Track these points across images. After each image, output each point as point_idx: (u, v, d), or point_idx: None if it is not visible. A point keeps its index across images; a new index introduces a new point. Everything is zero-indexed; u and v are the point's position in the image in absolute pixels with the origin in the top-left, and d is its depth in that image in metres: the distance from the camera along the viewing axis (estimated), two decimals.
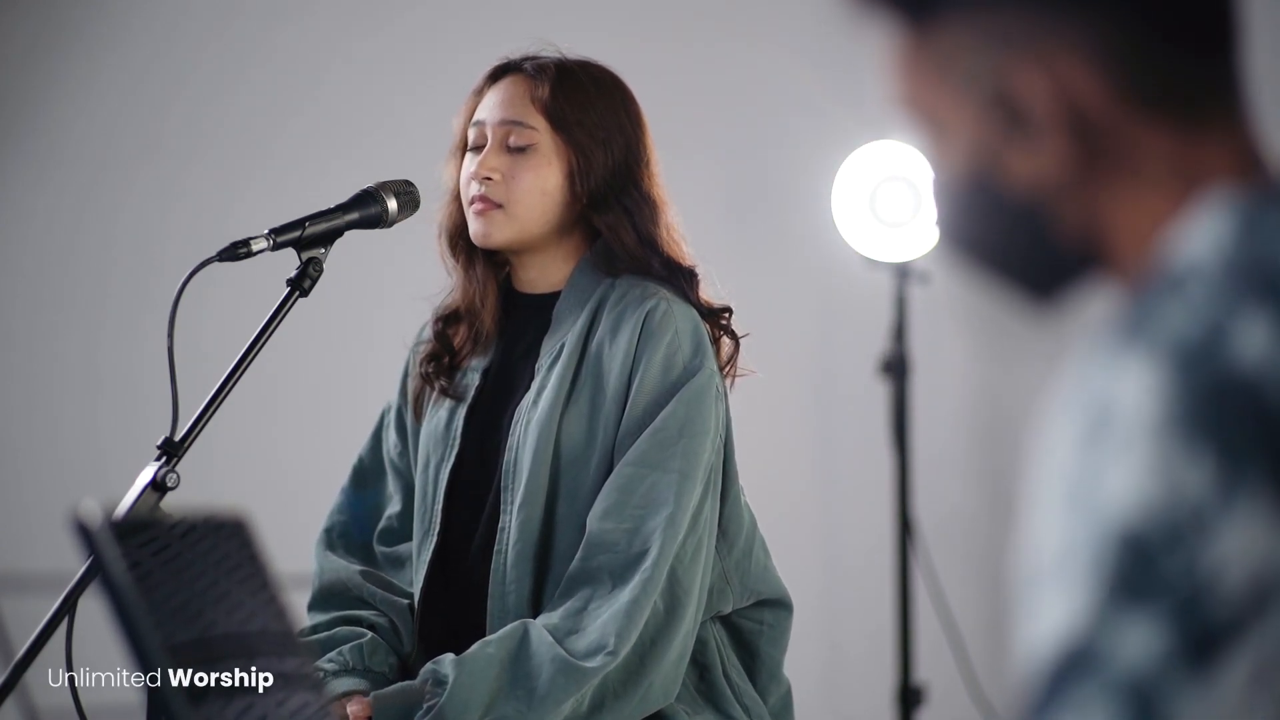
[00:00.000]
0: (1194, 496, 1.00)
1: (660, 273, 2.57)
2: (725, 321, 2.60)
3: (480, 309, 2.63)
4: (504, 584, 2.52)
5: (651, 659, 2.48)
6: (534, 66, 2.59)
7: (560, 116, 2.56)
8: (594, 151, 2.56)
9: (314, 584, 2.68)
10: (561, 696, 2.42)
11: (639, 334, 2.52)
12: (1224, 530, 1.00)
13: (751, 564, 2.61)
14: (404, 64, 4.54)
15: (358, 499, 2.72)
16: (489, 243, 2.57)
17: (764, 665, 2.64)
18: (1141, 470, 1.01)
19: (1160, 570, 1.00)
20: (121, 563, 1.53)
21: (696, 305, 2.57)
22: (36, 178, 4.67)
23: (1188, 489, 1.00)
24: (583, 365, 2.55)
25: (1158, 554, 1.00)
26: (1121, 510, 1.01)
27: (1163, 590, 0.99)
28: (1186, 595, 0.99)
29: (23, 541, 4.46)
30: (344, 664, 2.57)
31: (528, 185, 2.55)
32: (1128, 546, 1.00)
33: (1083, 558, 1.01)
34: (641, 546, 2.46)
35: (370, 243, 2.71)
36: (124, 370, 4.57)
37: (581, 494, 2.52)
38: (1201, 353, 1.03)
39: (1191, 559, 0.99)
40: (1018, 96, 1.12)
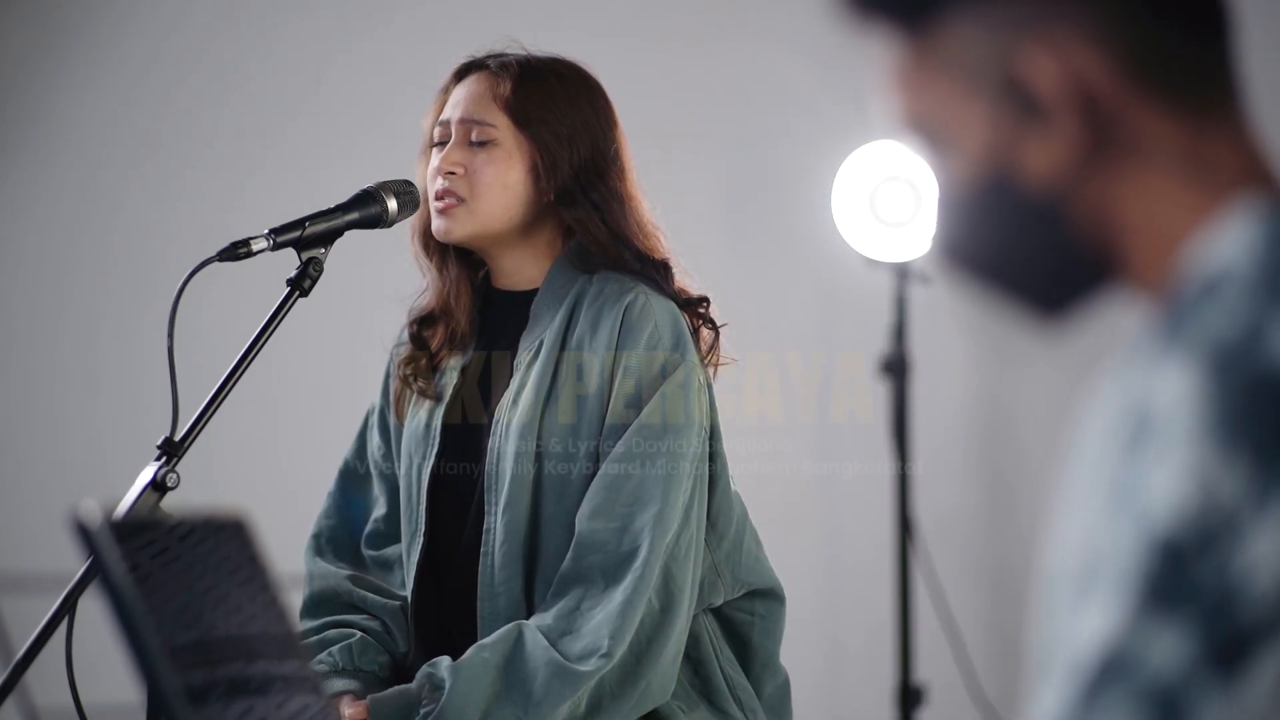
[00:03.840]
0: (1228, 500, 1.00)
1: (634, 266, 2.56)
2: (704, 311, 2.60)
3: (455, 308, 2.63)
4: (493, 586, 2.51)
5: (648, 658, 2.48)
6: (498, 64, 2.60)
7: (522, 113, 2.56)
8: (557, 147, 2.55)
9: (304, 591, 2.67)
10: (557, 700, 2.41)
11: (618, 329, 2.52)
12: (1257, 532, 1.00)
13: (742, 555, 2.61)
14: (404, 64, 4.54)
15: (345, 503, 2.72)
16: (451, 238, 2.57)
17: (757, 656, 2.64)
18: (1180, 474, 1.01)
19: (1191, 575, 1.00)
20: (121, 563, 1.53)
21: (674, 297, 2.57)
22: (36, 178, 4.67)
23: (1223, 492, 1.00)
24: (562, 362, 2.54)
25: (1190, 559, 1.00)
26: (1160, 515, 1.01)
27: (1193, 596, 1.00)
28: (1216, 600, 0.99)
29: (23, 541, 4.46)
30: (334, 665, 2.56)
31: (489, 179, 2.55)
32: (1163, 552, 1.00)
33: (1122, 563, 1.02)
34: (631, 545, 2.46)
35: (370, 242, 2.71)
36: (124, 370, 4.57)
37: (568, 492, 2.51)
38: (1239, 355, 1.03)
39: (1223, 563, 1.00)
40: (1029, 81, 1.12)
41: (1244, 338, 1.03)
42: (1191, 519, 1.00)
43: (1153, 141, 1.12)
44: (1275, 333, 1.03)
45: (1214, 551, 1.00)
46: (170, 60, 4.66)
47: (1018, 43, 1.13)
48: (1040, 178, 1.14)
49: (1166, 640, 1.00)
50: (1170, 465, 1.01)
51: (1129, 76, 1.12)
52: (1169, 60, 1.12)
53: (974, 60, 1.14)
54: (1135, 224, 1.12)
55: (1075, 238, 1.14)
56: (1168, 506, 1.01)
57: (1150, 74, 1.12)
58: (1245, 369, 1.02)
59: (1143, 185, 1.12)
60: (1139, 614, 1.00)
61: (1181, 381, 1.03)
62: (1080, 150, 1.12)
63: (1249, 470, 1.00)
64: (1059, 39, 1.12)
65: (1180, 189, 1.12)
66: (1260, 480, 1.00)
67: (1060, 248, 1.14)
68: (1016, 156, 1.14)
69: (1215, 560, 1.00)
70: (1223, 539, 1.00)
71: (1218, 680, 0.99)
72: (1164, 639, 1.00)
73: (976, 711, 4.26)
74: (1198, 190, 1.12)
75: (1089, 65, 1.12)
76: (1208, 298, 1.06)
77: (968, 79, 1.14)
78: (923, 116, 1.17)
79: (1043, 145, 1.13)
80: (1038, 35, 1.12)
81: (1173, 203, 1.12)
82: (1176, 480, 1.01)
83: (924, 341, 4.36)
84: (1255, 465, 1.00)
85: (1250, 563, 0.99)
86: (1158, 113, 1.12)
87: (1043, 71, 1.12)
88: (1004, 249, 1.17)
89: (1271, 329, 1.03)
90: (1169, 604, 1.00)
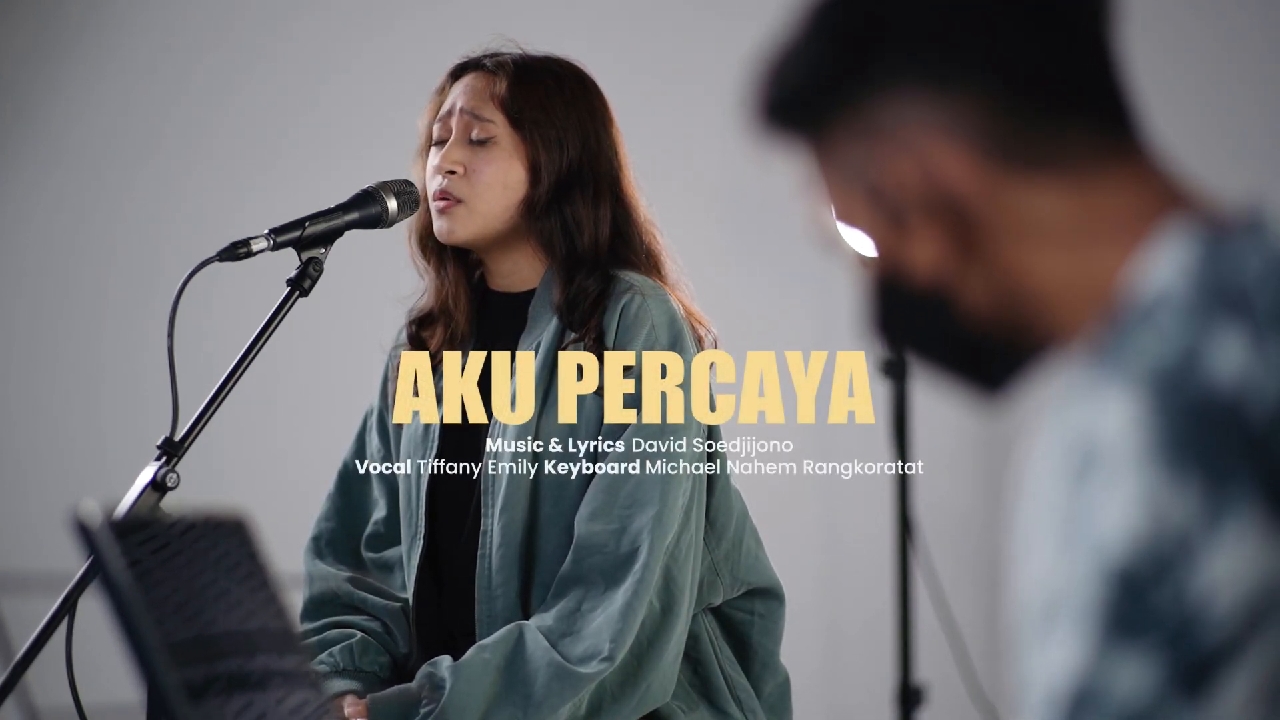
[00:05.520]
0: (1180, 524, 1.01)
1: (631, 266, 2.56)
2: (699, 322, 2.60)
3: (453, 309, 2.63)
4: (490, 588, 2.51)
5: (649, 660, 2.48)
6: (493, 63, 2.59)
7: (518, 112, 2.55)
8: (553, 147, 2.55)
9: (305, 593, 2.67)
10: (558, 702, 2.41)
11: (616, 329, 2.52)
12: (1213, 554, 1.00)
13: (742, 554, 2.61)
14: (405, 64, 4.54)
15: (344, 505, 2.72)
16: (453, 239, 2.57)
17: (757, 655, 2.63)
18: (1129, 503, 1.01)
19: (1150, 604, 1.01)
20: (121, 562, 1.54)
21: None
22: (37, 178, 4.67)
23: (1173, 518, 1.01)
24: (560, 362, 2.54)
25: (1147, 587, 1.01)
26: (1114, 545, 1.01)
27: (1153, 623, 1.00)
28: (1177, 625, 1.00)
29: (23, 541, 4.46)
30: (335, 665, 2.56)
31: (489, 179, 2.55)
32: (1120, 582, 1.01)
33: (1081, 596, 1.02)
34: (630, 546, 2.45)
35: (370, 243, 2.71)
36: (124, 370, 4.57)
37: (566, 493, 2.51)
38: (1178, 377, 1.03)
39: (1180, 589, 1.00)
40: (889, 188, 1.14)
41: (1181, 361, 1.04)
42: (1145, 547, 1.01)
43: (1041, 215, 1.13)
44: (1211, 353, 1.03)
45: (1170, 577, 1.00)
46: (171, 61, 4.67)
47: (879, 153, 1.14)
48: (925, 273, 1.15)
49: (1131, 669, 1.00)
50: (1119, 495, 1.02)
51: (999, 163, 1.13)
52: (1038, 138, 1.13)
53: (849, 168, 1.17)
54: (1049, 289, 1.13)
55: (975, 320, 1.15)
56: (1120, 536, 1.01)
57: (1021, 155, 1.13)
58: (1185, 392, 1.02)
59: (1042, 256, 1.13)
60: (1102, 646, 1.01)
61: (1123, 410, 1.03)
62: (952, 247, 1.14)
63: (1198, 493, 1.01)
64: (919, 143, 1.13)
65: (1087, 246, 1.12)
66: (1210, 502, 1.01)
67: (960, 329, 1.16)
68: (901, 255, 1.16)
69: (1172, 586, 1.00)
70: (1178, 564, 1.00)
71: (1186, 703, 1.00)
72: (1129, 668, 1.01)
73: (976, 711, 4.26)
74: (1107, 241, 1.12)
75: (949, 165, 1.13)
76: (1143, 324, 1.06)
77: (848, 184, 1.17)
78: (836, 211, 1.20)
79: (917, 246, 1.15)
80: (898, 143, 1.14)
81: (1083, 261, 1.12)
82: (1127, 509, 1.01)
83: None
84: (1204, 487, 1.01)
85: (1208, 584, 1.00)
86: (1039, 188, 1.13)
87: (902, 180, 1.14)
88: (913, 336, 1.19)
89: (1207, 349, 1.03)
90: (1130, 633, 1.01)
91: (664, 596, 2.49)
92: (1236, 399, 1.02)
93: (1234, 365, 1.03)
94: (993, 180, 1.13)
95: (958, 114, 1.13)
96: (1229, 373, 1.03)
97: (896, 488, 4.23)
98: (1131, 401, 1.03)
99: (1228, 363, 1.03)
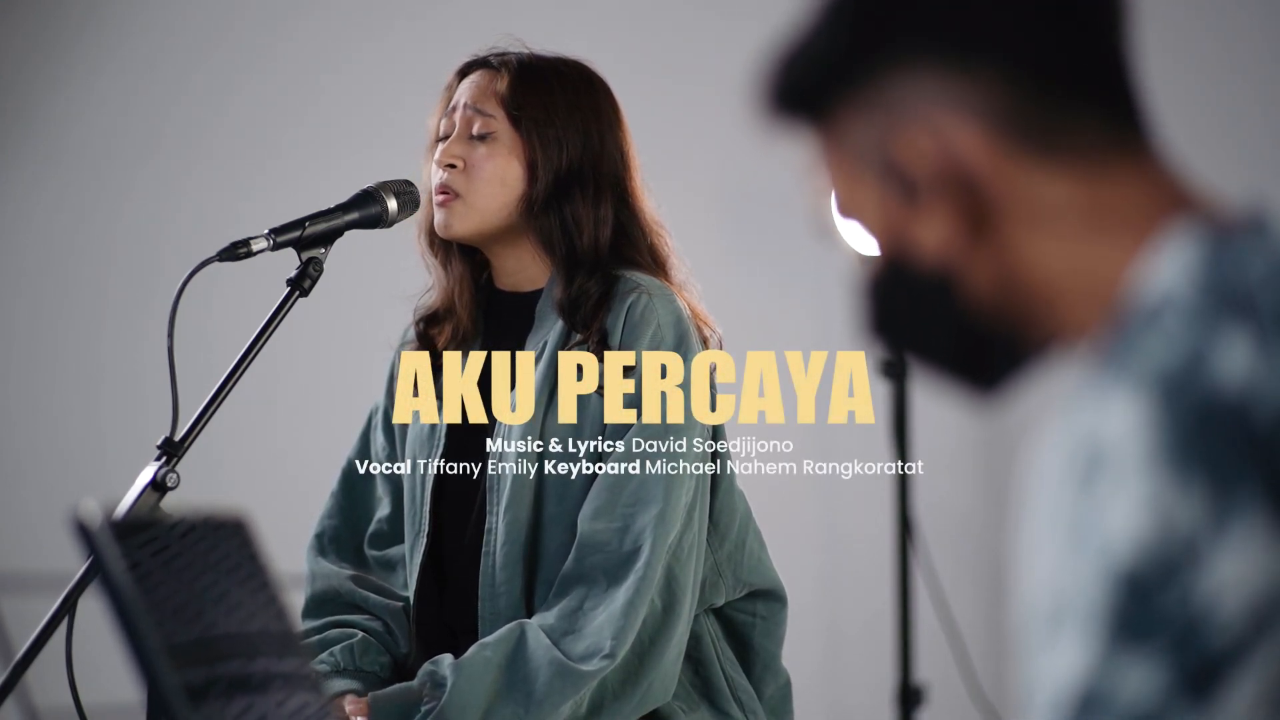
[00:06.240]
0: (1186, 528, 1.01)
1: (637, 266, 2.56)
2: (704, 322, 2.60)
3: (459, 307, 2.63)
4: (494, 586, 2.51)
5: (650, 659, 2.48)
6: (498, 61, 2.60)
7: (518, 110, 2.56)
8: (552, 146, 2.55)
9: (306, 591, 2.67)
10: (559, 700, 2.41)
11: (621, 329, 2.52)
12: (1219, 557, 1.00)
13: (744, 555, 2.61)
14: (405, 65, 4.54)
15: (348, 503, 2.72)
16: (450, 234, 2.57)
17: (758, 657, 2.63)
18: (1136, 506, 1.02)
19: (1156, 607, 1.01)
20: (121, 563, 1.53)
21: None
22: (37, 178, 4.67)
23: (1179, 521, 1.01)
24: (564, 362, 2.54)
25: (1153, 591, 1.01)
26: (1120, 549, 1.02)
27: (1160, 627, 1.00)
28: (1183, 629, 1.00)
29: (23, 541, 4.46)
30: (335, 665, 2.56)
31: (487, 175, 2.55)
32: (1126, 585, 1.01)
33: (1087, 600, 1.02)
34: (633, 545, 2.46)
35: (370, 243, 2.71)
36: (124, 370, 4.57)
37: (569, 492, 2.51)
38: (1184, 380, 1.03)
39: (1186, 592, 1.00)
40: (904, 165, 1.14)
41: (1187, 364, 1.04)
42: (1151, 550, 1.01)
43: (1050, 202, 1.13)
44: (1217, 356, 1.03)
45: (1176, 581, 1.00)
46: (171, 61, 4.67)
47: (895, 128, 1.15)
48: (932, 255, 1.15)
49: (1138, 673, 1.01)
50: (1126, 498, 1.02)
51: (1013, 145, 1.13)
52: (1052, 123, 1.13)
53: (861, 147, 1.17)
54: (1053, 282, 1.13)
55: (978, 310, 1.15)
56: (1127, 540, 1.01)
57: (1034, 140, 1.13)
58: (1191, 395, 1.03)
59: (1049, 245, 1.13)
60: (1108, 649, 1.01)
61: (1129, 413, 1.03)
62: (962, 225, 1.14)
63: (1204, 496, 1.01)
64: (935, 119, 1.14)
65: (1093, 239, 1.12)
66: (1217, 505, 1.01)
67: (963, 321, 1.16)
68: (908, 235, 1.16)
69: (1178, 589, 1.00)
70: (1184, 567, 1.00)
71: (1192, 707, 1.00)
72: (1135, 672, 1.01)
73: (976, 711, 4.26)
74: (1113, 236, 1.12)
75: (965, 142, 1.13)
76: (1148, 327, 1.06)
77: (858, 165, 1.17)
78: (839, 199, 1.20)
79: (927, 224, 1.15)
80: (915, 118, 1.14)
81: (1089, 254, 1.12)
82: (1133, 513, 1.01)
83: None
84: (1210, 490, 1.01)
85: (1214, 588, 1.00)
86: (1050, 174, 1.13)
87: (919, 154, 1.14)
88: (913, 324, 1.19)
89: (1213, 352, 1.03)
90: (1137, 637, 1.01)
91: (666, 596, 2.49)
92: (1242, 402, 1.02)
93: (1239, 368, 1.03)
94: (1006, 160, 1.13)
95: (976, 93, 1.13)
96: (1234, 376, 1.03)
97: (896, 488, 4.23)
98: (1137, 405, 1.03)
99: (1233, 366, 1.03)
